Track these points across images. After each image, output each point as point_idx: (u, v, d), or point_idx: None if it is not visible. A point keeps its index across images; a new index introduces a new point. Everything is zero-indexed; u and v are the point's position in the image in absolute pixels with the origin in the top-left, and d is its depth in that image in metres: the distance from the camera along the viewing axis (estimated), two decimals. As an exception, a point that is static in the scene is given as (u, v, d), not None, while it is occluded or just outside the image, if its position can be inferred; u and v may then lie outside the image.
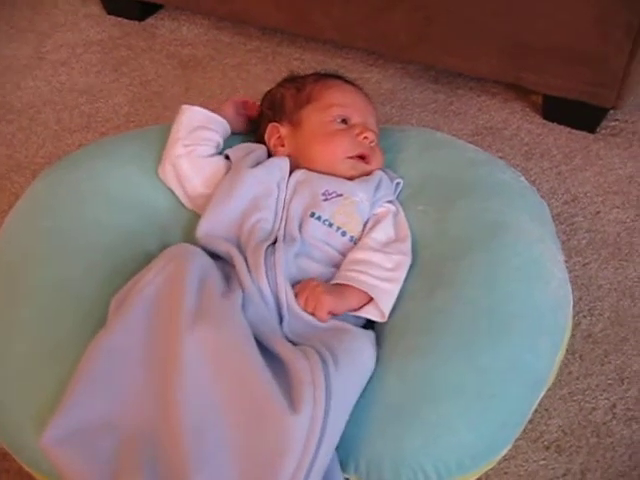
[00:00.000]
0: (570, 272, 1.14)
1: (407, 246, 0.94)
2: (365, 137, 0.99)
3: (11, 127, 1.47)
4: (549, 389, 0.90)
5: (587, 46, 1.26)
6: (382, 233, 0.95)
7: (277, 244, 0.90)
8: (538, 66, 1.32)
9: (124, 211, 0.99)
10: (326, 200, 0.95)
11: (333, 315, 0.86)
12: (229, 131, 1.05)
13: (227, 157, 1.01)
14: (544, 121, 1.43)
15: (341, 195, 0.95)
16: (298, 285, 0.87)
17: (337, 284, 0.88)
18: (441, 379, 0.81)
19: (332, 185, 0.96)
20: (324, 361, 0.76)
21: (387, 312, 0.88)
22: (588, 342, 1.07)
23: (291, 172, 0.98)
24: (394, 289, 0.89)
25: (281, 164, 0.98)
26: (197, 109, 1.03)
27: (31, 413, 0.80)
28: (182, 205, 1.02)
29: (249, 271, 0.86)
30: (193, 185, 0.99)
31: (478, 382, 0.81)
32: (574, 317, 1.03)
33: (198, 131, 1.01)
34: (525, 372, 0.84)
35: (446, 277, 0.90)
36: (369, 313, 0.88)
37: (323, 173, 0.98)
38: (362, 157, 1.00)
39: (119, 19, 1.77)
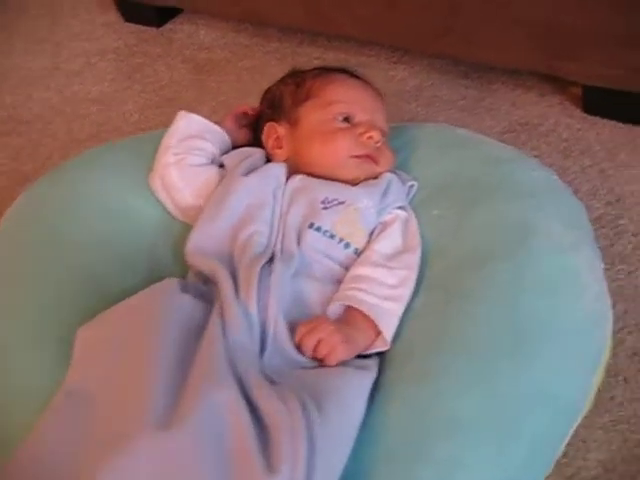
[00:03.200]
0: (613, 282, 1.01)
1: (414, 258, 0.84)
2: (370, 137, 0.89)
3: (20, 139, 1.43)
4: (586, 417, 0.77)
5: (630, 28, 1.13)
6: (387, 244, 0.84)
7: (274, 263, 0.80)
8: (575, 53, 1.19)
9: (109, 227, 0.92)
10: (326, 209, 0.85)
11: None
12: (229, 144, 0.96)
13: (223, 165, 0.92)
14: (585, 115, 1.30)
15: (343, 202, 0.85)
16: (307, 323, 0.75)
17: (345, 321, 0.78)
18: (453, 409, 0.70)
19: (333, 191, 0.86)
20: (305, 408, 0.65)
21: (389, 336, 0.77)
22: (634, 362, 0.94)
23: (289, 178, 0.89)
24: (397, 309, 0.79)
25: (277, 170, 0.89)
26: (194, 117, 0.94)
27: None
28: (174, 218, 0.94)
29: (237, 290, 0.77)
30: (182, 196, 0.91)
31: (497, 412, 0.70)
32: (617, 333, 0.91)
33: (191, 140, 0.92)
34: (553, 400, 0.72)
35: (461, 291, 0.79)
36: (375, 347, 0.78)
37: (325, 178, 0.89)
38: (369, 157, 0.90)
39: (137, 26, 1.72)
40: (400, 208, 0.90)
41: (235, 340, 0.73)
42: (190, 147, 0.92)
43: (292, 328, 0.77)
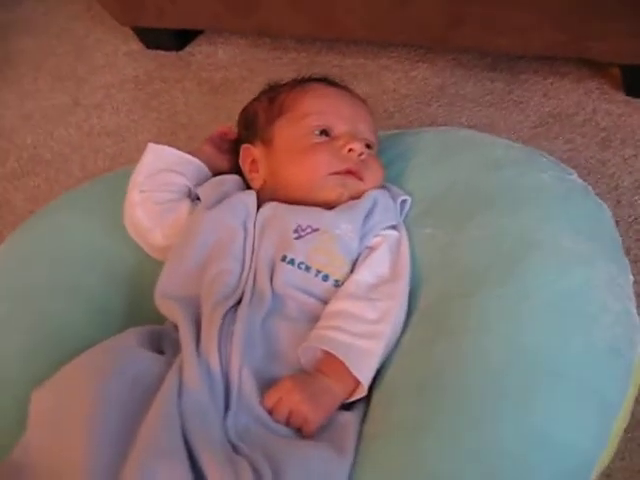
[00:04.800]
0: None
1: (401, 287, 0.73)
2: (351, 149, 0.79)
3: (37, 179, 1.41)
4: (608, 468, 0.64)
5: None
6: (369, 272, 0.74)
7: (240, 306, 0.72)
8: (603, 30, 1.05)
9: (86, 272, 0.86)
10: (299, 238, 0.75)
11: None
12: (207, 173, 0.87)
13: (199, 198, 0.84)
14: (627, 98, 1.15)
15: (317, 230, 0.76)
16: (273, 392, 0.67)
17: (320, 369, 0.69)
18: (435, 470, 0.59)
19: (306, 218, 0.77)
20: None
21: (366, 380, 0.67)
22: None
23: (262, 207, 0.80)
24: (377, 347, 0.69)
25: (246, 199, 0.80)
26: (164, 149, 0.87)
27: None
28: (154, 259, 0.87)
29: (198, 341, 0.69)
30: (153, 236, 0.83)
31: (489, 473, 0.59)
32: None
33: (161, 175, 0.85)
34: (564, 453, 0.60)
35: (450, 324, 0.68)
36: (355, 394, 0.68)
37: (306, 203, 0.79)
38: (351, 173, 0.80)
39: (157, 52, 1.68)
40: (391, 228, 0.80)
41: (192, 399, 0.65)
42: (159, 183, 0.84)
43: (264, 381, 0.68)
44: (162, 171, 0.85)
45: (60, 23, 1.88)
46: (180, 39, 1.67)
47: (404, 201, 0.82)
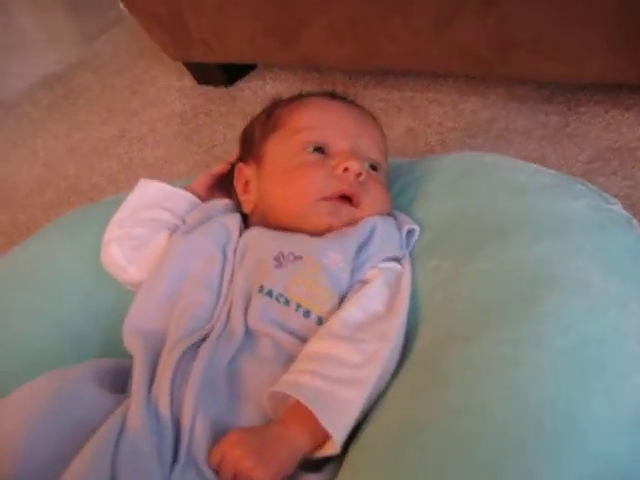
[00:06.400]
0: None
1: (396, 326, 0.63)
2: (346, 168, 0.70)
3: (69, 209, 1.38)
4: None
5: None
6: (359, 309, 0.64)
7: (205, 343, 0.63)
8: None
9: (64, 301, 0.81)
10: (279, 266, 0.66)
11: None
12: (198, 205, 0.80)
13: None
14: (700, 132, 1.01)
15: (300, 258, 0.66)
16: (217, 450, 0.57)
17: (283, 420, 0.59)
18: None
19: (289, 244, 0.68)
20: None
21: (339, 435, 0.56)
22: None
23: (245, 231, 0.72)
24: (357, 396, 0.58)
25: (228, 222, 0.72)
26: (153, 184, 0.81)
27: None
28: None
29: (150, 383, 0.61)
30: (129, 273, 0.76)
31: None
32: None
33: (146, 210, 0.78)
34: None
35: (445, 370, 0.57)
36: (325, 450, 0.58)
37: (292, 229, 0.70)
38: (346, 197, 0.70)
39: (208, 88, 1.67)
40: (393, 260, 0.69)
41: (132, 448, 0.57)
42: (139, 219, 0.78)
43: (227, 431, 0.59)
44: (149, 206, 0.79)
45: (123, 60, 1.91)
46: (230, 75, 1.65)
47: (411, 231, 0.71)
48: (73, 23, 2.60)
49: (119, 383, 0.66)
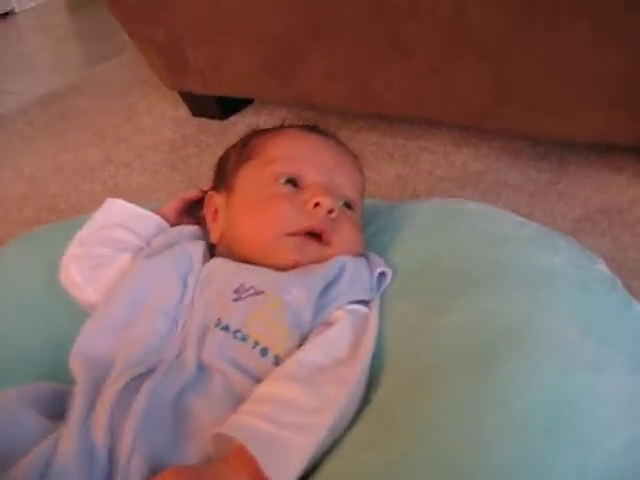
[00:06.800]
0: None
1: (357, 371, 0.58)
2: (317, 203, 0.66)
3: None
4: None
5: None
6: (319, 351, 0.60)
7: (152, 376, 0.59)
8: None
9: (19, 320, 0.77)
10: (238, 299, 0.63)
11: None
12: (165, 229, 0.77)
13: None
14: (693, 199, 0.98)
15: (261, 292, 0.63)
16: None
17: (209, 463, 0.55)
18: None
19: (251, 277, 0.64)
20: None
21: None
22: None
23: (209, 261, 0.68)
24: (306, 443, 0.53)
25: (191, 250, 0.69)
26: (120, 204, 0.79)
27: None
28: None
29: (90, 411, 0.56)
30: (86, 294, 0.72)
31: None
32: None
33: (109, 230, 0.75)
34: None
35: (401, 422, 0.52)
36: None
37: (257, 262, 0.67)
38: (315, 234, 0.67)
39: (202, 119, 1.65)
40: (361, 302, 0.65)
41: (61, 476, 0.52)
42: (101, 238, 0.74)
43: (161, 468, 0.54)
44: (112, 226, 0.75)
45: (122, 87, 1.90)
46: (226, 108, 1.64)
47: (383, 273, 0.68)
48: (79, 49, 2.62)
49: (58, 409, 0.61)
